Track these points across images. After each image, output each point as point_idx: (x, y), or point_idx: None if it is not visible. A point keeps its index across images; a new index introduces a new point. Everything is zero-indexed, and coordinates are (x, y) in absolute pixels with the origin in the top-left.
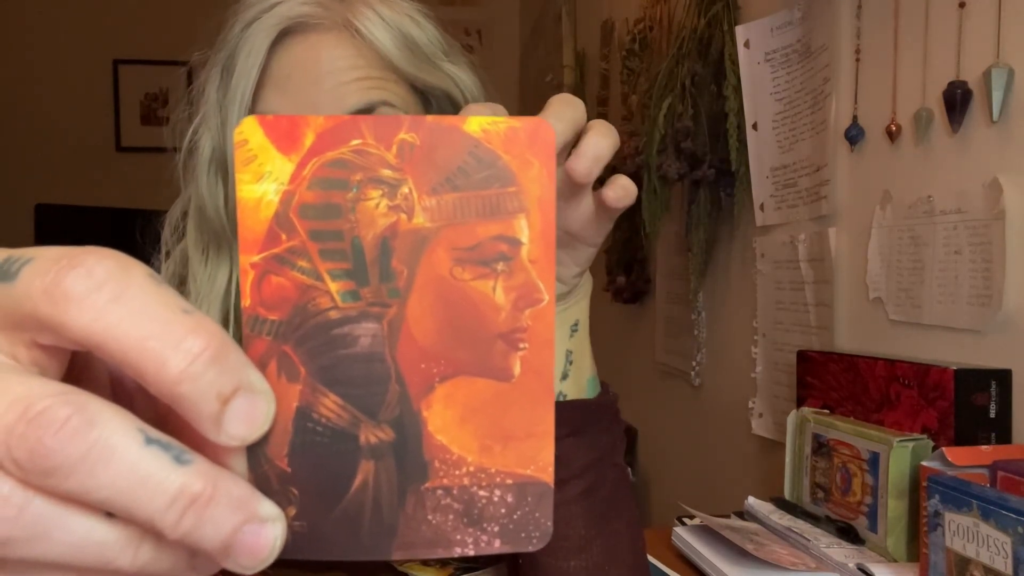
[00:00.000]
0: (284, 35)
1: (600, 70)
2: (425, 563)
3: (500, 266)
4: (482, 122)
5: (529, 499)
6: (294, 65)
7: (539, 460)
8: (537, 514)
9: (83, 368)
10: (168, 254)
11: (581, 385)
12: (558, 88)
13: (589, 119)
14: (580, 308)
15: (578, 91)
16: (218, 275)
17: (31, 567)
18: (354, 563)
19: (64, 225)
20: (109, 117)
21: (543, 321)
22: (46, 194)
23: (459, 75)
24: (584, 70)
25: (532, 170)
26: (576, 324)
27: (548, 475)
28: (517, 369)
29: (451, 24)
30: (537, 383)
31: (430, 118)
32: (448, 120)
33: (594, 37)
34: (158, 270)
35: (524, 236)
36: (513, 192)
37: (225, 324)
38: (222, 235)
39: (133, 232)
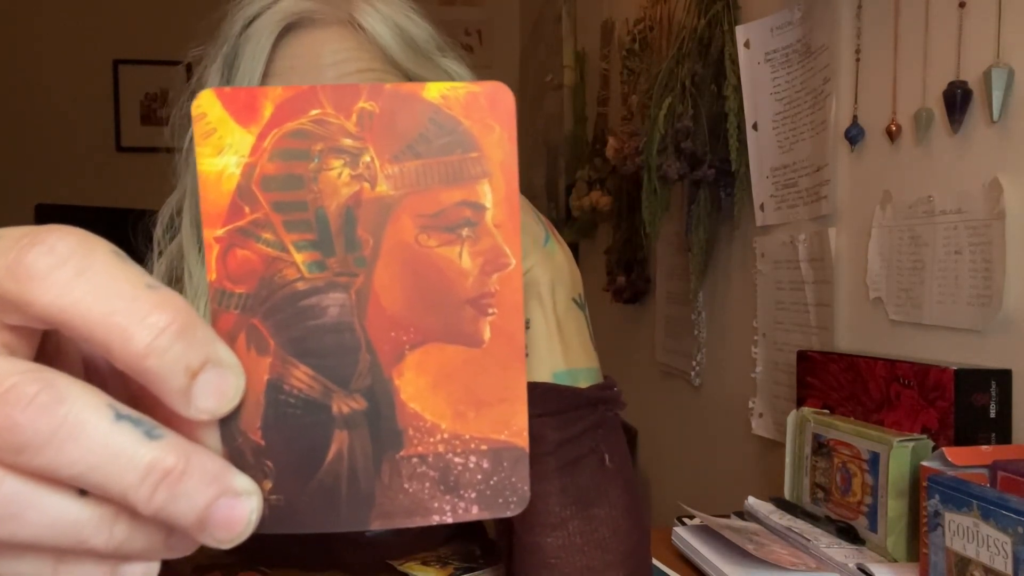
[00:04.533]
0: (287, 30)
1: (600, 70)
2: (425, 563)
3: (465, 232)
4: (441, 88)
5: (505, 464)
6: (297, 57)
7: (513, 425)
8: (513, 479)
9: (55, 351)
10: (161, 253)
11: (546, 375)
12: (558, 88)
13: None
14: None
15: (578, 91)
16: None
17: (6, 549)
18: (353, 562)
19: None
20: (109, 117)
21: (511, 285)
22: (46, 194)
23: (458, 71)
24: (584, 70)
25: (493, 135)
26: (527, 322)
27: (523, 439)
28: (487, 334)
29: (451, 24)
30: (507, 348)
31: (389, 86)
32: (407, 87)
33: (594, 37)
34: (151, 269)
35: (488, 201)
36: (475, 157)
37: None
38: None
39: (135, 224)
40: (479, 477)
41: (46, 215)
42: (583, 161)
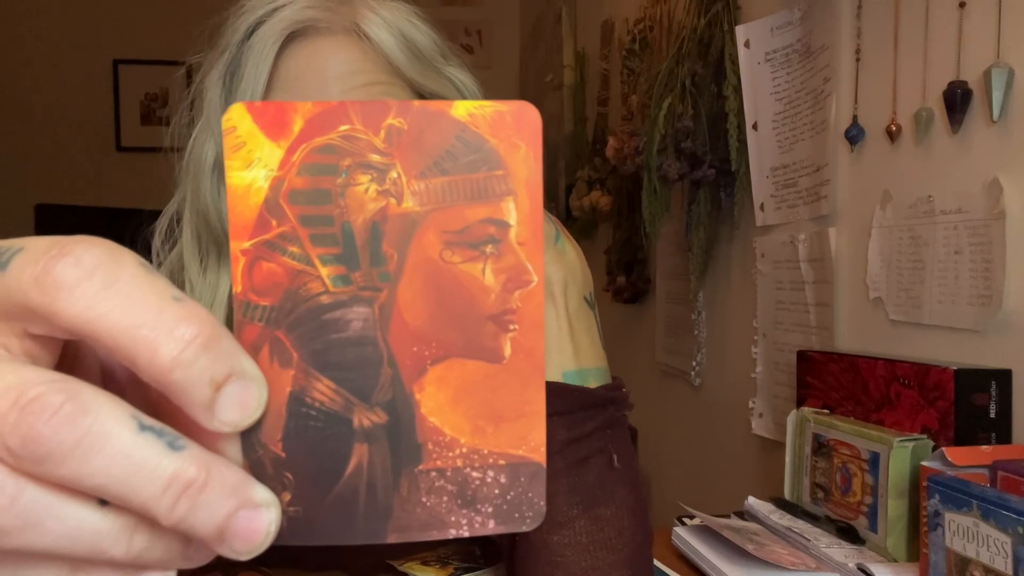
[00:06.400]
0: (290, 39)
1: (600, 70)
2: (425, 563)
3: (489, 248)
4: (468, 106)
5: (522, 479)
6: (302, 68)
7: (531, 440)
8: (530, 494)
9: (75, 359)
10: (160, 265)
11: (556, 374)
12: (558, 88)
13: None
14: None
15: (578, 91)
16: (220, 284)
17: (24, 558)
18: (354, 563)
19: (64, 225)
20: (109, 117)
21: (532, 302)
22: (46, 194)
23: (461, 78)
24: (584, 70)
25: (519, 153)
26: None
27: (540, 455)
28: (508, 350)
29: (451, 24)
30: (527, 364)
31: (417, 103)
32: (435, 105)
33: (594, 37)
34: None
35: (512, 218)
36: (501, 175)
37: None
38: (224, 243)
39: (133, 233)
40: (496, 492)
41: (46, 215)
42: (583, 161)
